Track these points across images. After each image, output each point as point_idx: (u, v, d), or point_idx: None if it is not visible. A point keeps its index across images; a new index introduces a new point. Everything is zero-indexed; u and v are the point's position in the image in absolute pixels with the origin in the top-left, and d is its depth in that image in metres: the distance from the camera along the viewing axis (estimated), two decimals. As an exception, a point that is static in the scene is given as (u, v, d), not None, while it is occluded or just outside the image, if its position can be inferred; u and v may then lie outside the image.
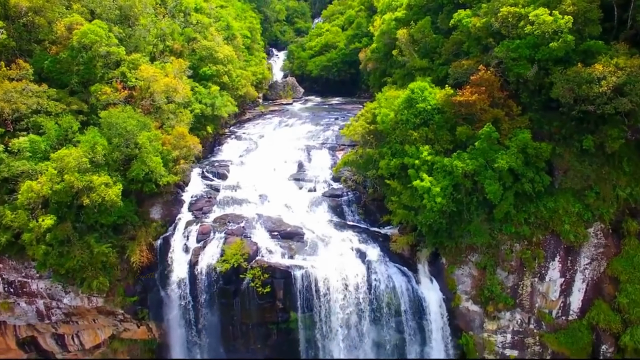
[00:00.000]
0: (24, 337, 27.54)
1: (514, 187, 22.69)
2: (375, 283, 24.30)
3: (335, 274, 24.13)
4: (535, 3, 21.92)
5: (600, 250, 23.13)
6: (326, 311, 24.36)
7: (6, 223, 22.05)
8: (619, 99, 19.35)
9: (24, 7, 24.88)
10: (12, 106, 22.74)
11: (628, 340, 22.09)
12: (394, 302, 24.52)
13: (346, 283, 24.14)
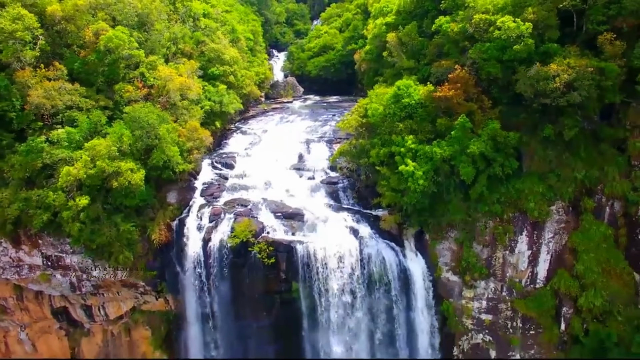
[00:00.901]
0: (57, 307, 31.25)
1: (487, 171, 26.31)
2: (366, 256, 27.92)
3: (331, 248, 27.73)
4: (502, 11, 25.60)
5: (561, 225, 26.75)
6: (324, 281, 27.97)
7: (48, 203, 25.66)
8: (570, 93, 22.98)
9: (58, 16, 28.50)
10: (51, 102, 26.37)
11: (584, 301, 25.67)
12: (383, 273, 28.13)
13: (341, 256, 27.76)
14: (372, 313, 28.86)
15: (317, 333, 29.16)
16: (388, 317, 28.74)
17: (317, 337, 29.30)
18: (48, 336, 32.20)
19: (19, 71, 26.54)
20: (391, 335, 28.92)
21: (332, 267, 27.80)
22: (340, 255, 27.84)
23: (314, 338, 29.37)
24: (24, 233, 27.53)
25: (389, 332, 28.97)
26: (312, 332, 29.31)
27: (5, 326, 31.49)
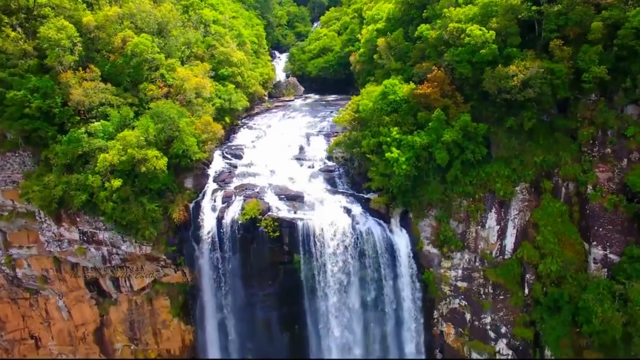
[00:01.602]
0: (89, 279, 36.08)
1: (460, 157, 31.00)
2: (358, 231, 32.60)
3: (327, 224, 32.42)
4: (472, 21, 30.30)
5: (525, 204, 31.44)
6: (321, 252, 32.66)
7: (86, 185, 30.45)
8: (526, 90, 27.69)
9: (92, 25, 33.35)
10: (89, 99, 31.20)
11: (543, 268, 30.30)
12: (372, 246, 32.84)
13: (336, 230, 32.46)
14: (363, 281, 33.58)
15: (316, 300, 33.84)
16: (377, 284, 33.47)
17: (315, 303, 34.01)
18: (81, 304, 37.02)
19: (61, 73, 31.36)
20: (380, 299, 33.66)
21: (328, 241, 32.49)
22: (335, 231, 32.56)
23: (312, 304, 34.10)
24: (64, 212, 32.37)
25: (378, 297, 33.69)
26: (311, 299, 34.00)
27: (47, 294, 36.34)
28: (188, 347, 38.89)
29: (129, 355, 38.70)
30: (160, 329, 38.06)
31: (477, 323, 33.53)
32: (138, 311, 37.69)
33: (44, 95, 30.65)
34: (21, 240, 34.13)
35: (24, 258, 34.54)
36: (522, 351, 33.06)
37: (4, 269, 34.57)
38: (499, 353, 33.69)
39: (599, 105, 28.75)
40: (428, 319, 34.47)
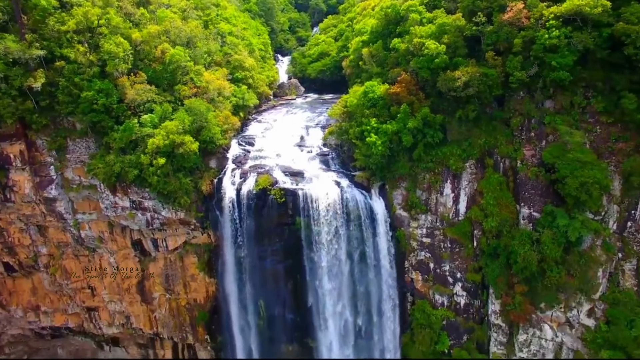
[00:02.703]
0: (135, 239, 46.34)
1: (423, 140, 41.10)
2: (345, 198, 42.75)
3: (322, 193, 42.57)
4: (430, 37, 40.56)
5: (472, 176, 41.57)
6: (317, 216, 42.81)
7: (138, 162, 40.67)
8: (467, 89, 37.92)
9: (138, 40, 43.74)
10: (140, 98, 41.59)
11: (486, 225, 40.19)
12: (356, 211, 42.99)
13: (328, 198, 42.62)
14: (350, 238, 43.75)
15: (313, 253, 43.92)
16: (360, 240, 43.68)
17: (312, 256, 44.16)
18: (127, 261, 47.30)
19: (118, 78, 41.71)
20: (363, 253, 43.88)
21: (323, 207, 42.70)
22: (328, 199, 42.79)
23: (310, 256, 44.25)
24: (119, 184, 42.62)
25: (361, 251, 43.93)
26: (309, 253, 44.07)
27: (101, 252, 46.66)
28: (210, 297, 49.14)
29: (164, 303, 49.10)
30: (189, 281, 48.35)
31: (439, 271, 43.76)
32: (171, 267, 48.00)
33: (106, 95, 41.02)
34: (85, 208, 44.46)
35: (86, 222, 44.87)
36: (473, 291, 43.31)
37: (72, 230, 44.92)
38: (455, 294, 43.92)
39: (525, 101, 39.00)
40: (400, 268, 44.71)
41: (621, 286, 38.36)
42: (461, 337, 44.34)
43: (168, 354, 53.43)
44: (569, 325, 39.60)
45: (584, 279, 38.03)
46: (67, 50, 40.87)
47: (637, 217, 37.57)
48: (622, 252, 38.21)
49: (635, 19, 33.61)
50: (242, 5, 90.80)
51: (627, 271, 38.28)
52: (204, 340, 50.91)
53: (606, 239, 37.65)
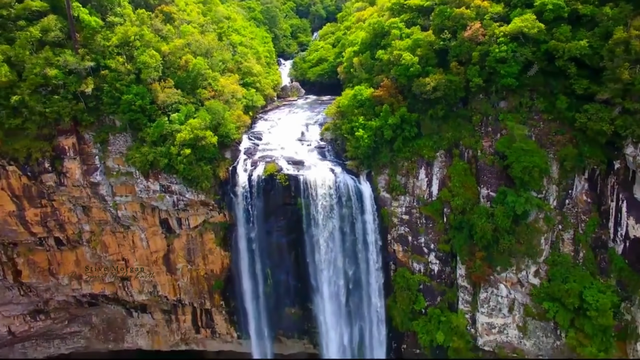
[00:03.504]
0: (162, 218, 56.09)
1: (401, 135, 50.74)
2: (338, 182, 52.39)
3: (319, 178, 52.18)
4: (407, 49, 50.25)
5: (442, 164, 51.14)
6: (314, 197, 52.46)
7: (168, 152, 50.41)
8: (435, 92, 47.60)
9: (166, 51, 53.62)
10: (169, 100, 51.43)
11: (453, 204, 49.80)
12: (347, 193, 52.60)
13: (324, 183, 52.27)
14: (342, 216, 53.38)
15: (311, 228, 53.61)
16: (350, 218, 53.35)
17: (311, 231, 53.85)
18: (155, 237, 57.08)
19: (151, 84, 51.45)
20: (353, 228, 53.54)
21: (319, 189, 52.38)
22: (324, 183, 52.44)
23: (309, 231, 53.91)
24: (151, 171, 52.28)
25: (351, 226, 53.59)
26: (308, 228, 53.77)
27: (134, 229, 56.44)
28: (225, 268, 58.80)
29: (186, 273, 58.90)
30: (207, 254, 58.09)
31: (416, 243, 53.44)
32: (192, 242, 57.76)
33: (141, 97, 50.84)
34: (122, 191, 54.15)
35: (123, 203, 54.63)
36: (444, 260, 52.98)
37: (111, 210, 54.68)
38: (430, 262, 53.60)
39: (483, 102, 48.69)
40: (384, 241, 54.35)
41: (560, 251, 48.02)
42: (435, 298, 54.04)
43: (188, 319, 63.36)
44: (520, 284, 49.27)
45: (530, 246, 47.71)
46: (110, 61, 50.70)
47: (574, 195, 47.27)
48: (562, 224, 47.87)
49: (563, 37, 43.30)
50: (248, 14, 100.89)
51: (565, 240, 47.94)
52: (219, 306, 60.79)
53: (547, 213, 47.31)
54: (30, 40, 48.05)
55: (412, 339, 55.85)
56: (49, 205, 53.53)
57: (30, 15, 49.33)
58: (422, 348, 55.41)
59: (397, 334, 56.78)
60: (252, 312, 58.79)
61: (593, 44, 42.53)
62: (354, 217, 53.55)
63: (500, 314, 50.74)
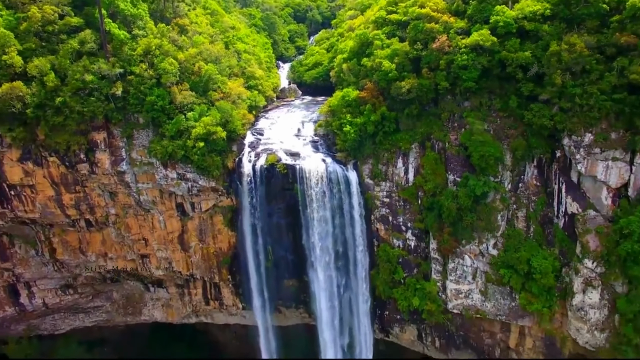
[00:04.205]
0: (178, 202, 66.18)
1: (382, 130, 60.93)
2: (329, 171, 62.42)
3: (313, 167, 62.26)
4: (386, 57, 60.45)
5: (417, 154, 61.19)
6: (308, 183, 62.52)
7: (184, 145, 60.52)
8: (410, 94, 57.81)
9: (182, 59, 63.85)
10: (183, 101, 61.62)
11: (426, 187, 60.02)
12: (336, 180, 62.70)
13: (317, 171, 62.35)
14: (332, 200, 63.39)
15: (306, 210, 63.65)
16: (339, 201, 63.44)
17: (306, 213, 63.91)
18: (172, 219, 67.11)
19: (169, 87, 61.59)
20: (341, 209, 63.64)
21: (313, 177, 62.43)
22: (317, 171, 62.52)
23: (304, 213, 63.96)
24: (170, 161, 62.29)
25: (340, 207, 63.69)
26: (304, 210, 63.76)
27: (153, 213, 66.46)
28: (232, 246, 68.86)
29: (198, 251, 68.99)
30: (216, 234, 68.18)
31: (395, 222, 63.63)
32: (204, 223, 67.81)
33: (162, 99, 61.01)
34: (144, 179, 64.16)
35: (144, 189, 64.69)
36: (419, 236, 63.18)
37: (135, 195, 64.70)
38: (407, 239, 63.80)
39: (450, 102, 58.87)
40: (368, 220, 64.51)
41: (515, 227, 58.19)
42: (412, 269, 64.30)
43: (199, 292, 73.57)
44: (481, 255, 59.49)
45: (489, 222, 57.92)
46: (135, 67, 60.80)
47: (525, 180, 57.46)
48: (516, 204, 58.07)
49: (512, 49, 53.53)
50: (249, 21, 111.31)
51: (519, 217, 58.12)
52: (226, 280, 71.00)
53: (503, 195, 57.51)
54: (70, 50, 58.25)
55: (393, 305, 66.20)
56: (82, 191, 63.60)
57: (69, 29, 59.56)
58: (401, 313, 65.74)
59: (380, 302, 67.14)
60: (255, 285, 68.93)
61: (536, 54, 52.87)
62: (343, 201, 63.67)
63: (465, 281, 60.96)
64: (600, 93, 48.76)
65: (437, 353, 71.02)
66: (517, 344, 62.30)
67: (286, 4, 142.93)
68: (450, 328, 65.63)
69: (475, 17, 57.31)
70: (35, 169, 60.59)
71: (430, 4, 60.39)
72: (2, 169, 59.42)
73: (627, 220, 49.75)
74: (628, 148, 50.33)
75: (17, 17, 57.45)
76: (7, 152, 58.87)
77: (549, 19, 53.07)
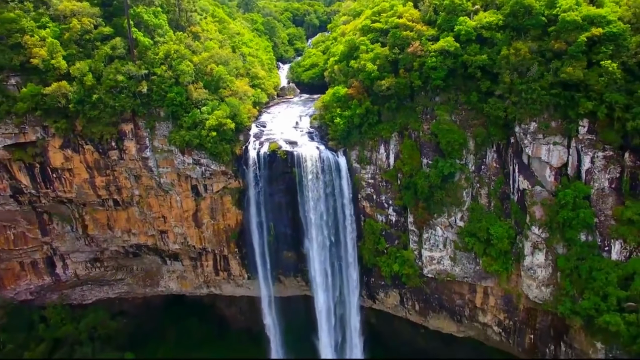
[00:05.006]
0: (192, 185, 78.61)
1: (367, 121, 73.31)
2: (322, 157, 74.83)
3: (308, 154, 74.69)
4: (370, 60, 72.92)
5: (396, 142, 73.44)
6: (305, 167, 74.91)
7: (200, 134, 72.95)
8: (389, 90, 70.22)
9: (197, 62, 76.41)
10: (201, 97, 74.11)
11: (404, 170, 72.49)
12: (328, 164, 75.09)
13: (312, 157, 74.76)
14: (325, 182, 75.86)
15: (303, 190, 76.10)
16: (331, 183, 75.85)
17: (303, 193, 76.33)
18: (187, 199, 79.58)
19: (187, 86, 74.12)
20: (333, 189, 76.06)
21: (308, 162, 74.85)
22: (312, 157, 74.97)
23: (301, 193, 76.39)
24: (186, 149, 74.88)
25: (332, 189, 76.16)
26: (301, 191, 76.33)
27: (171, 194, 78.94)
28: (239, 223, 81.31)
29: (210, 227, 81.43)
30: (225, 212, 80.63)
31: (379, 200, 76.08)
32: (215, 203, 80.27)
33: (180, 95, 73.57)
34: (164, 164, 76.66)
35: (164, 173, 77.21)
36: (399, 212, 75.62)
37: (156, 178, 77.19)
38: (389, 214, 76.24)
39: (423, 97, 71.28)
40: (356, 199, 76.98)
41: (478, 202, 70.59)
42: (393, 240, 76.76)
43: (210, 264, 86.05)
44: (450, 226, 71.90)
45: (456, 198, 70.35)
46: (157, 69, 73.39)
47: (487, 162, 69.79)
48: (479, 183, 70.45)
49: (473, 52, 65.94)
50: (251, 26, 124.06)
51: (482, 194, 70.50)
52: (234, 252, 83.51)
53: (467, 175, 69.92)
54: (104, 55, 70.87)
55: (378, 272, 78.71)
56: (112, 174, 76.21)
57: (102, 37, 72.23)
58: (385, 279, 78.21)
59: (366, 269, 79.65)
60: (259, 256, 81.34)
61: (492, 57, 65.29)
62: (334, 182, 76.11)
63: (437, 248, 73.40)
64: (541, 89, 61.10)
65: (417, 317, 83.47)
66: (482, 302, 74.66)
67: (285, 9, 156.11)
68: (427, 291, 78.07)
69: (443, 26, 69.78)
70: (73, 155, 73.22)
71: (406, 15, 72.95)
72: (47, 154, 72.05)
73: (564, 193, 61.97)
74: (565, 134, 62.65)
75: (61, 27, 70.12)
76: (51, 141, 71.49)
77: (502, 28, 65.50)
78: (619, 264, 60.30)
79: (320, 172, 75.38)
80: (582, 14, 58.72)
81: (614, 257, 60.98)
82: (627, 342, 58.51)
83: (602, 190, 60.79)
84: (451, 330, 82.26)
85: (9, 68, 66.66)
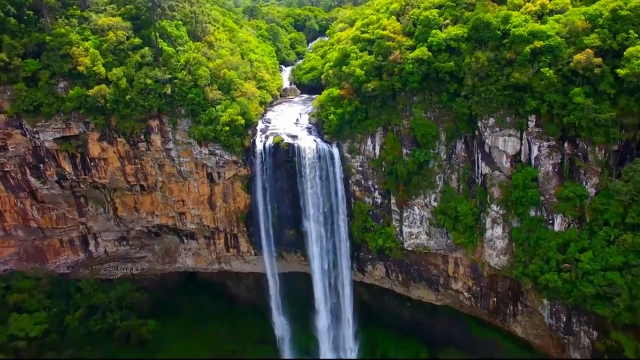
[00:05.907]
0: (208, 172, 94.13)
1: (356, 118, 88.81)
2: (318, 148, 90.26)
3: (307, 145, 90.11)
4: (359, 67, 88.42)
5: (381, 135, 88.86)
6: (303, 157, 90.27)
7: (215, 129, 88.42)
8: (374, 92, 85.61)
9: (212, 67, 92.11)
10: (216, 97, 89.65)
11: (388, 159, 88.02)
12: (323, 155, 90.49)
13: (310, 148, 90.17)
14: (320, 169, 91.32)
15: (302, 177, 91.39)
16: (326, 170, 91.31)
17: (302, 179, 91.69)
18: (203, 185, 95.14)
19: (204, 88, 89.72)
20: (327, 176, 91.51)
21: (307, 152, 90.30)
22: (310, 148, 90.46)
23: (301, 179, 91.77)
24: (203, 141, 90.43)
25: (327, 175, 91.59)
26: (300, 177, 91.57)
27: (190, 180, 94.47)
28: (247, 205, 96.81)
29: (222, 209, 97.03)
30: (236, 196, 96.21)
31: (366, 184, 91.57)
32: (227, 188, 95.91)
33: (198, 96, 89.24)
34: (184, 155, 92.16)
35: (184, 162, 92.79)
36: (383, 195, 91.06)
37: (177, 167, 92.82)
38: (375, 197, 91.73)
39: (403, 97, 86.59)
40: (347, 184, 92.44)
41: (449, 185, 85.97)
42: (379, 219, 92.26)
43: (222, 242, 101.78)
44: (425, 206, 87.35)
45: (430, 182, 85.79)
46: (179, 74, 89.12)
47: (456, 152, 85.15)
48: (450, 169, 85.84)
49: (442, 60, 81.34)
50: (256, 32, 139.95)
51: (452, 178, 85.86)
52: (243, 231, 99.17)
53: (440, 162, 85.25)
54: (135, 62, 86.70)
55: (365, 247, 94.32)
56: (139, 163, 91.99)
57: (132, 47, 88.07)
58: (371, 252, 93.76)
59: (356, 245, 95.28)
60: (264, 234, 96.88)
61: (459, 64, 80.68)
62: (328, 170, 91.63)
63: (415, 225, 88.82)
64: (497, 90, 76.43)
65: (401, 288, 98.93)
66: (453, 271, 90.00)
67: (287, 14, 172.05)
68: (407, 262, 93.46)
69: (420, 37, 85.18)
70: (108, 146, 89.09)
71: (389, 27, 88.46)
72: (87, 146, 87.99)
73: (516, 176, 77.36)
74: (518, 128, 77.95)
75: (100, 39, 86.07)
76: (91, 134, 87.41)
77: (467, 40, 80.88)
78: (560, 233, 75.61)
79: (316, 161, 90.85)
80: (528, 30, 74.13)
81: (556, 229, 76.30)
82: (564, 296, 73.82)
83: (547, 173, 76.13)
84: (431, 299, 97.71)
85: (59, 74, 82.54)
